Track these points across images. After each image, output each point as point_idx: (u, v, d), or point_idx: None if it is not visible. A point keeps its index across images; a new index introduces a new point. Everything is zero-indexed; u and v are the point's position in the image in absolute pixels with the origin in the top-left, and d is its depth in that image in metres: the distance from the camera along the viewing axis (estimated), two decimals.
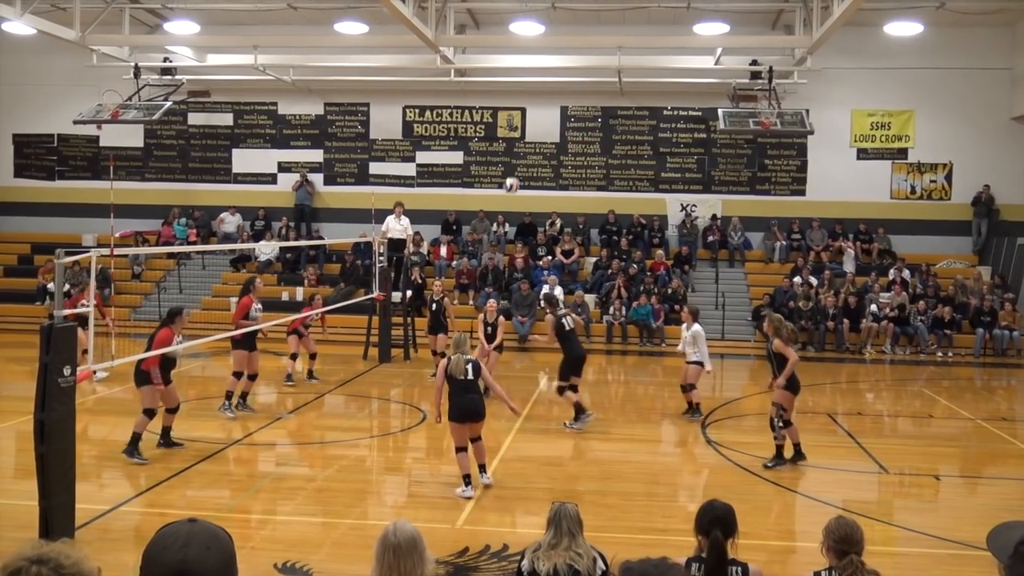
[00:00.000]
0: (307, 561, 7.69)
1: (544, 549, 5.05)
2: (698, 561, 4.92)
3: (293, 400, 15.08)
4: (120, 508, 9.27)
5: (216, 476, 10.68)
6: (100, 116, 21.99)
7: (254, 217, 25.77)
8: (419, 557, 4.35)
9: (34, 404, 7.92)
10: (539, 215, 25.12)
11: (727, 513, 5.01)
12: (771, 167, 25.04)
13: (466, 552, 7.98)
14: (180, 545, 2.04)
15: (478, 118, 25.81)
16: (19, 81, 26.26)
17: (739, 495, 9.73)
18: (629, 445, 12.61)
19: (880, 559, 6.38)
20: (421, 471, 11.37)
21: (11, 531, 8.30)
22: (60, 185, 26.90)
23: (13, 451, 11.39)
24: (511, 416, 13.97)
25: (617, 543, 7.55)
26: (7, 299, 23.69)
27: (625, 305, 22.34)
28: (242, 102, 26.27)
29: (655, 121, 25.34)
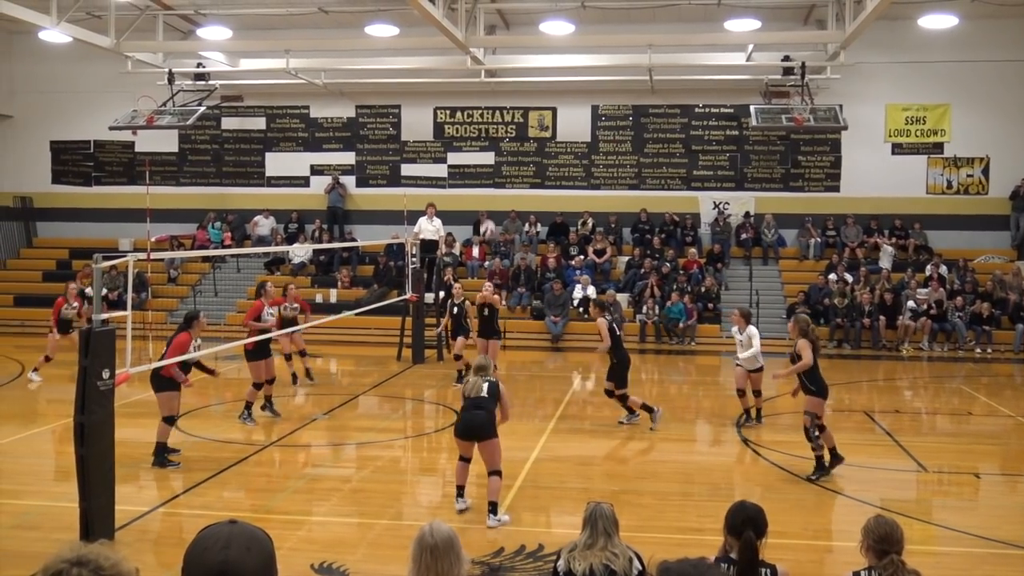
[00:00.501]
0: (343, 561, 7.73)
1: (580, 549, 5.05)
2: (727, 561, 4.90)
3: (328, 402, 15.15)
4: (159, 509, 9.37)
5: (253, 477, 10.77)
6: (135, 122, 22.25)
7: (287, 220, 25.94)
8: (456, 557, 4.36)
9: (74, 407, 8.02)
10: (571, 214, 25.08)
11: (758, 514, 4.99)
12: (804, 163, 24.84)
13: (501, 552, 7.99)
14: (221, 546, 2.06)
15: (509, 118, 25.82)
16: (56, 89, 26.60)
17: (775, 494, 9.68)
18: (664, 444, 12.56)
19: (920, 558, 6.32)
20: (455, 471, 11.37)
21: (53, 532, 8.41)
22: (97, 191, 27.22)
23: (53, 453, 11.55)
24: (545, 416, 14.00)
25: (653, 543, 7.53)
26: (46, 303, 23.92)
27: (658, 304, 22.25)
28: (274, 106, 26.46)
29: (687, 119, 25.22)
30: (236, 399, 15.68)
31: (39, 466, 11.02)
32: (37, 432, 12.67)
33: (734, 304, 22.78)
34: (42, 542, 8.14)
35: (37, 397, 15.27)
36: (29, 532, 8.83)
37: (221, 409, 14.94)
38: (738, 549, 4.84)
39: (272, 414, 13.71)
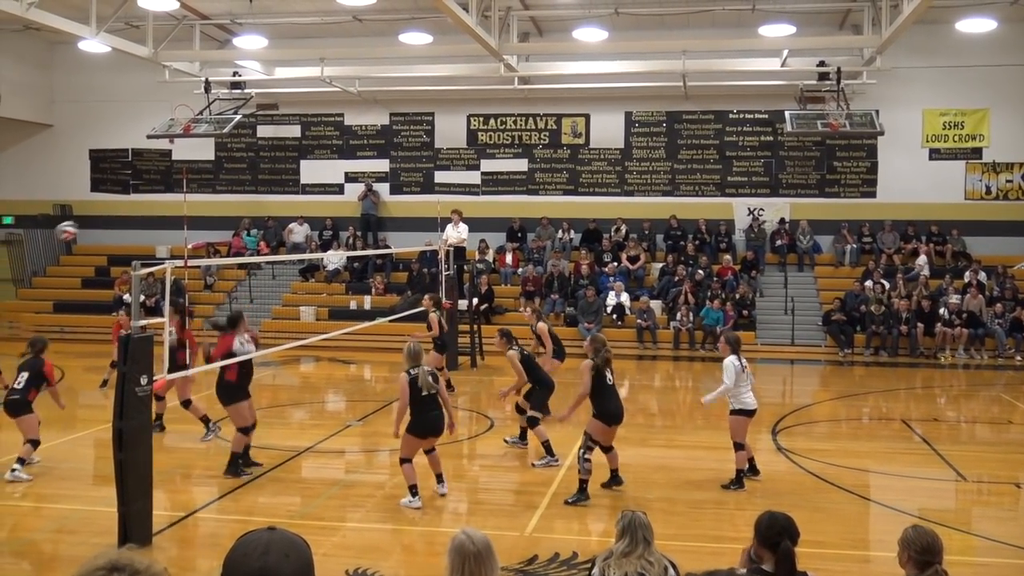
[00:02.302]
0: (378, 567, 7.76)
1: (616, 557, 5.03)
2: (759, 573, 4.84)
3: (362, 408, 15.22)
4: (196, 514, 9.45)
5: (288, 483, 10.83)
6: (172, 130, 22.51)
7: (322, 227, 26.10)
8: (494, 563, 4.38)
9: (112, 412, 8.12)
10: (604, 221, 25.04)
11: (790, 523, 4.94)
12: (840, 169, 24.63)
13: (535, 560, 7.98)
14: (260, 552, 2.08)
15: (542, 125, 25.83)
16: (95, 98, 26.96)
17: (811, 503, 9.60)
18: (697, 452, 12.49)
19: (960, 569, 6.25)
20: (489, 479, 11.40)
21: (91, 537, 8.51)
22: (135, 198, 27.55)
23: (92, 458, 11.68)
24: (578, 423, 13.96)
25: (687, 551, 7.50)
26: (85, 310, 24.33)
27: (692, 311, 22.14)
28: (309, 114, 26.65)
29: (721, 125, 25.10)
30: (270, 405, 15.81)
31: (78, 471, 11.15)
32: (77, 437, 12.83)
33: (769, 311, 22.72)
34: (81, 546, 8.24)
35: (76, 403, 15.46)
36: (69, 536, 8.95)
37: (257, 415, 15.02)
38: (775, 560, 4.79)
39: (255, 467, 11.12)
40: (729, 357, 10.51)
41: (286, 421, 14.74)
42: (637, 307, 22.15)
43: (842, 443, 13.16)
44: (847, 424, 15.03)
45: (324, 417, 15.26)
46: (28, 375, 10.72)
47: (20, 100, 26.23)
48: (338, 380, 19.22)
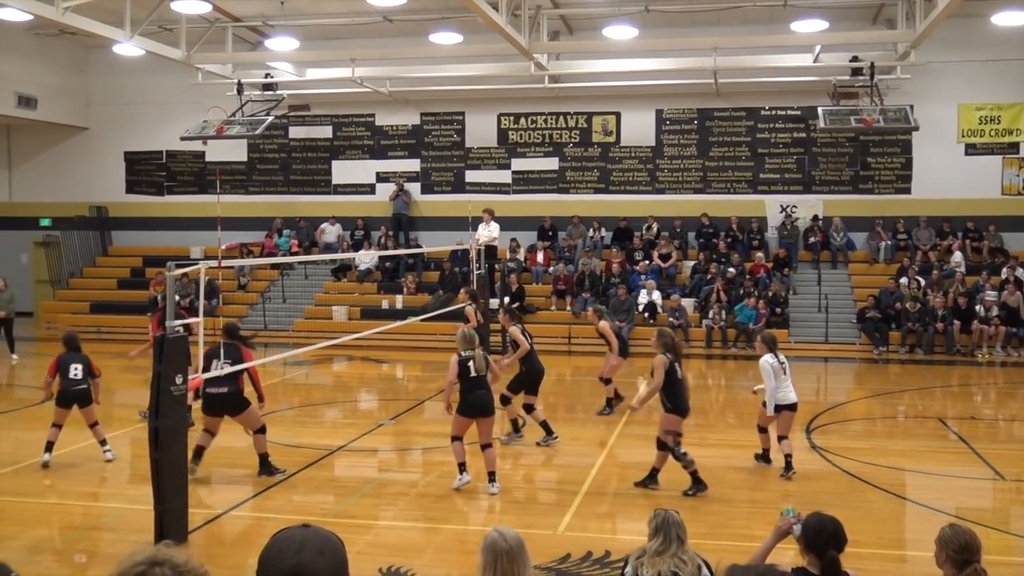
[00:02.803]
0: (411, 566, 7.79)
1: (650, 556, 5.02)
2: (803, 574, 4.81)
3: (394, 407, 15.28)
4: (230, 512, 9.53)
5: (321, 482, 10.90)
6: (206, 132, 22.73)
7: (353, 227, 26.22)
8: (526, 561, 4.39)
9: (148, 411, 8.20)
10: (635, 219, 24.96)
11: (839, 529, 4.89)
12: (874, 165, 24.39)
13: (568, 558, 7.97)
14: (295, 550, 2.09)
15: (573, 124, 25.79)
16: (129, 101, 27.25)
17: (847, 502, 9.51)
18: (731, 451, 12.42)
19: (998, 569, 6.17)
20: (521, 477, 11.40)
21: (129, 534, 8.60)
22: (169, 200, 27.81)
23: (129, 457, 11.81)
24: (610, 422, 13.95)
25: (720, 550, 7.45)
26: (121, 310, 24.59)
27: (724, 309, 22.02)
28: (341, 114, 26.78)
29: (753, 122, 24.95)
30: (303, 404, 15.92)
31: (115, 469, 11.28)
32: (113, 436, 12.95)
33: (802, 309, 22.55)
34: (119, 544, 8.33)
35: (112, 402, 15.63)
36: (107, 534, 9.05)
37: (291, 414, 15.15)
38: (821, 568, 4.76)
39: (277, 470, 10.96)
40: (765, 356, 10.75)
41: (319, 420, 14.83)
42: (669, 305, 22.07)
43: (878, 441, 13.04)
44: (882, 422, 14.90)
45: (357, 416, 15.34)
46: (82, 367, 11.17)
47: (56, 104, 26.59)
48: (370, 379, 19.31)
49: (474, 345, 10.23)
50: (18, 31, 23.80)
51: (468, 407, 10.05)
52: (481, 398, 10.08)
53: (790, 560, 5.18)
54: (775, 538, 5.21)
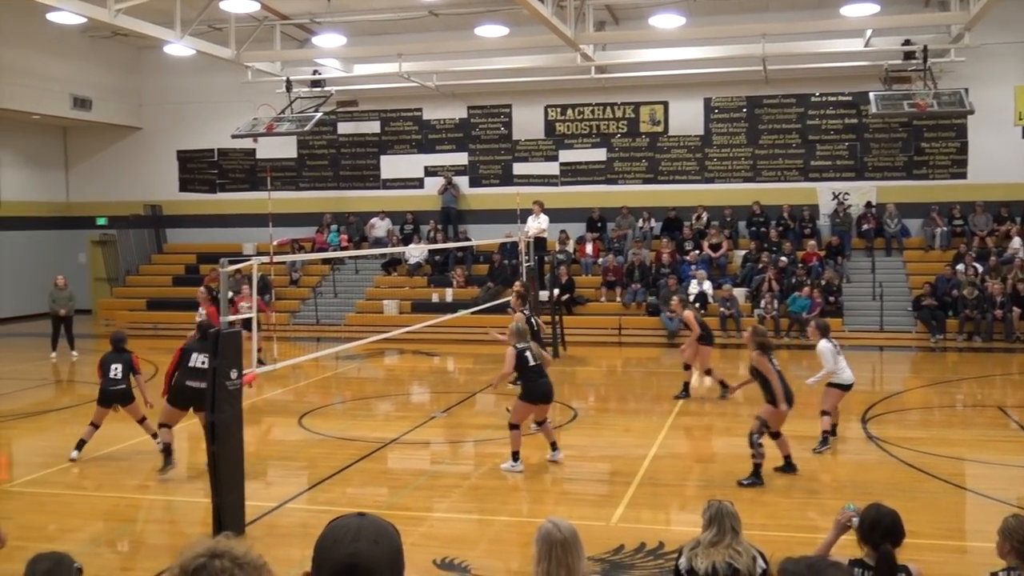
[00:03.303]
0: (465, 557, 7.82)
1: (704, 547, 4.99)
2: (862, 566, 4.77)
3: (445, 400, 15.35)
4: (286, 505, 9.64)
5: (375, 474, 10.99)
6: (256, 130, 22.97)
7: (403, 221, 26.36)
8: (581, 551, 4.39)
9: (204, 406, 8.32)
10: (685, 209, 24.78)
11: (896, 522, 4.84)
12: (928, 150, 23.95)
13: (621, 549, 7.96)
14: (350, 539, 2.10)
15: (620, 114, 25.66)
16: (181, 100, 27.64)
17: (905, 492, 9.38)
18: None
19: None
20: (573, 468, 11.38)
21: (187, 527, 8.75)
22: (221, 197, 28.17)
23: (186, 451, 12.00)
24: (663, 412, 13.89)
25: (776, 541, 7.40)
26: (176, 307, 24.93)
27: (776, 298, 21.79)
28: (388, 109, 26.90)
29: (803, 108, 24.62)
30: (356, 397, 16.06)
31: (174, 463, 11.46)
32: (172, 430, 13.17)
33: (856, 297, 22.24)
34: (178, 536, 8.48)
35: None
36: (166, 526, 9.22)
37: (343, 408, 15.30)
38: (876, 561, 4.72)
39: None
40: (821, 342, 11.25)
41: (372, 413, 14.95)
42: (720, 295, 21.88)
43: (935, 431, 12.84)
44: (940, 411, 14.66)
45: (409, 409, 15.44)
46: (122, 366, 11.30)
47: (110, 105, 27.06)
48: (422, 372, 19.41)
49: (526, 337, 10.60)
50: (72, 34, 24.24)
51: (533, 394, 10.47)
52: (544, 386, 10.52)
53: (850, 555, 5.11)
54: (836, 532, 5.16)
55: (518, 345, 10.51)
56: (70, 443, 11.44)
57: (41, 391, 16.79)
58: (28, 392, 16.53)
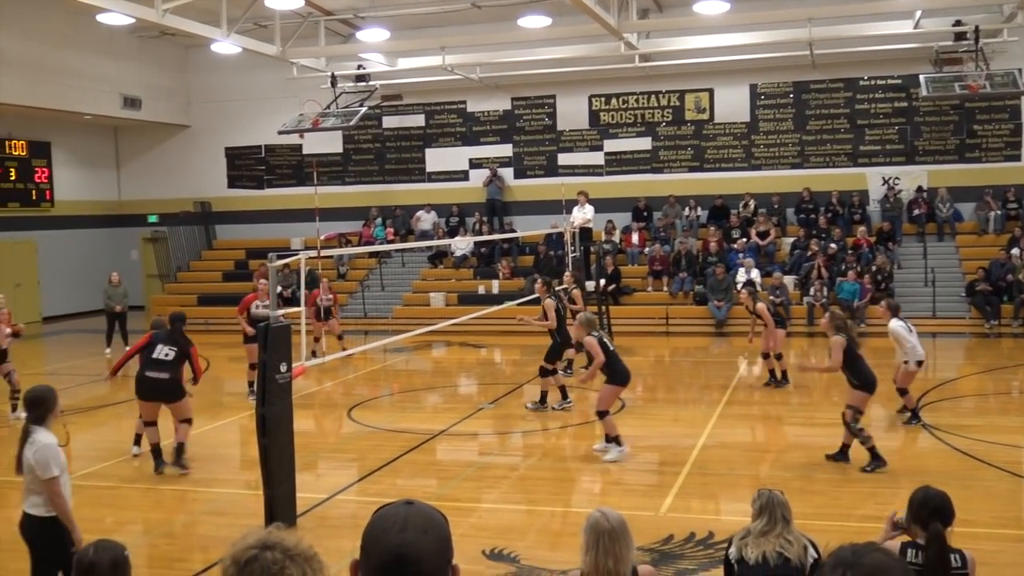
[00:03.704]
0: (514, 548, 7.84)
1: (754, 536, 4.96)
2: (914, 547, 4.73)
3: (493, 391, 15.38)
4: (337, 497, 9.74)
5: (423, 465, 11.06)
6: (302, 125, 23.15)
7: (448, 214, 26.43)
8: (629, 541, 4.39)
9: (255, 399, 8.43)
10: (731, 197, 24.56)
11: (945, 502, 4.82)
12: (981, 133, 23.49)
13: (671, 539, 7.93)
14: (399, 528, 2.10)
15: (665, 102, 25.49)
16: (228, 98, 27.96)
17: (960, 480, 9.23)
18: (836, 429, 12.14)
19: None
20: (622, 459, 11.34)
21: (240, 519, 8.86)
22: (269, 193, 28.46)
23: (238, 444, 12.17)
24: (711, 401, 13.81)
25: (827, 531, 7.32)
26: (226, 302, 25.21)
27: (826, 286, 21.52)
28: (432, 102, 26.97)
29: (851, 93, 24.26)
30: (404, 390, 16.16)
31: (227, 456, 11.63)
32: (224, 424, 13.37)
33: (908, 284, 21.90)
34: (230, 528, 8.59)
35: (221, 391, 16.12)
36: (219, 518, 9.35)
37: (392, 400, 15.40)
38: (927, 540, 4.67)
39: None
40: (892, 321, 11.56)
41: (420, 405, 15.03)
42: (770, 283, 21.63)
43: (991, 418, 12.62)
44: (996, 399, 14.41)
45: (457, 400, 15.49)
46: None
47: (160, 103, 27.45)
48: (469, 364, 19.48)
49: (596, 326, 10.89)
50: (121, 35, 24.61)
51: (620, 377, 10.75)
52: (626, 368, 10.88)
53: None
54: (887, 529, 5.09)
55: (593, 334, 10.69)
56: (125, 437, 11.63)
57: (96, 386, 17.08)
58: (84, 388, 16.85)
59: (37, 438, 5.90)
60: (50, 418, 6.05)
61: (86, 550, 4.21)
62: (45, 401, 6.05)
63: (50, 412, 6.06)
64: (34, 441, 5.88)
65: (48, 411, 6.04)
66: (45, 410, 6.03)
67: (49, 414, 6.04)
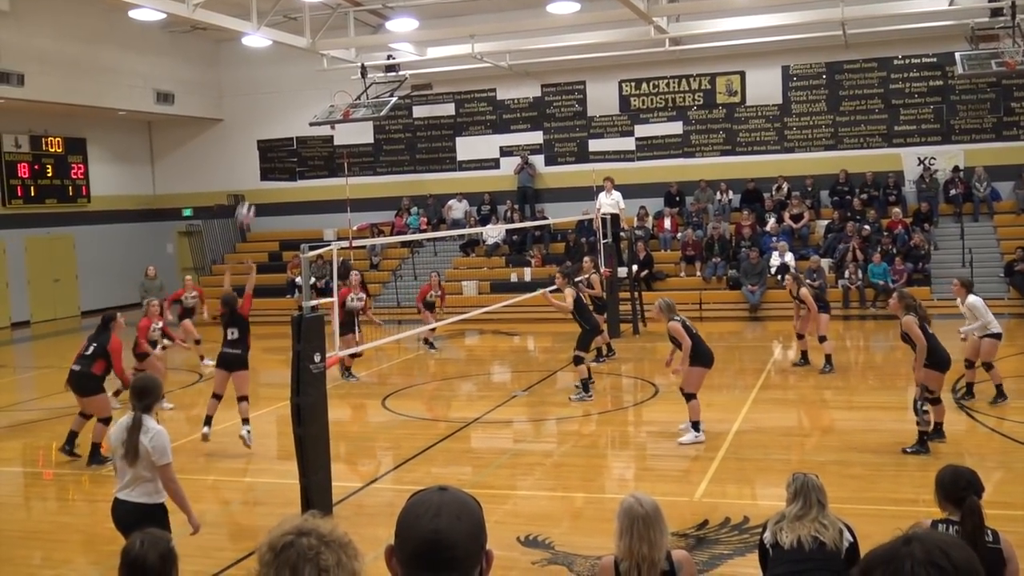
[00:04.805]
0: (548, 534, 7.87)
1: (789, 520, 4.94)
2: (947, 523, 4.71)
3: (526, 379, 15.40)
4: (372, 485, 9.81)
5: (458, 453, 11.10)
6: (333, 117, 23.22)
7: (480, 202, 26.44)
8: (663, 526, 4.40)
9: (290, 389, 8.50)
10: (764, 180, 24.36)
11: (975, 477, 4.85)
12: (1019, 110, 23.11)
13: (706, 524, 7.92)
14: (432, 514, 2.12)
15: (696, 86, 25.32)
16: (259, 91, 28.12)
17: (996, 463, 9.16)
18: (873, 413, 12.08)
19: None
20: (656, 445, 11.35)
21: (278, 508, 8.95)
22: (301, 185, 28.62)
23: (275, 434, 12.28)
24: (746, 386, 13.74)
25: (865, 515, 7.28)
26: (261, 294, 25.23)
27: (861, 268, 21.32)
28: (462, 91, 26.97)
29: (885, 72, 23.96)
30: (438, 377, 16.21)
31: (263, 446, 11.73)
32: (261, 414, 13.48)
33: (944, 265, 21.63)
34: (268, 516, 8.68)
35: (257, 381, 16.25)
36: (257, 507, 9.46)
37: (426, 388, 15.46)
38: (962, 516, 4.65)
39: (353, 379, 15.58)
40: (970, 297, 11.74)
41: (454, 393, 15.09)
42: (808, 266, 21.42)
43: (1021, 400, 12.46)
44: None
45: (491, 388, 15.54)
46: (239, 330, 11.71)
47: (192, 98, 27.67)
48: (502, 352, 19.52)
49: (675, 310, 10.91)
50: (153, 30, 24.81)
51: (707, 358, 10.80)
52: (710, 350, 10.93)
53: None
54: None
55: (676, 318, 10.76)
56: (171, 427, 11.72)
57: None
58: None
59: (150, 426, 6.13)
60: (156, 407, 6.42)
61: (132, 543, 4.18)
62: (153, 391, 6.39)
63: (156, 401, 6.44)
64: (148, 428, 6.11)
65: (155, 400, 6.40)
66: (153, 399, 6.35)
67: (155, 403, 6.39)
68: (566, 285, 13.84)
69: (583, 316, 13.76)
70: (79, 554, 8.38)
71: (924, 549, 1.76)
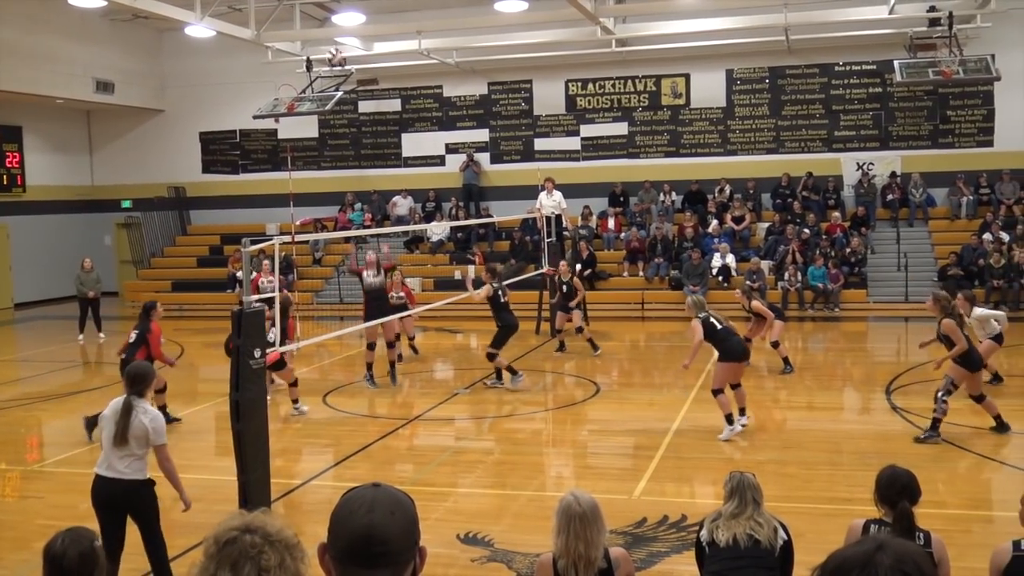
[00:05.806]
0: (488, 532, 7.87)
1: (725, 519, 5.01)
2: (879, 524, 4.81)
3: (468, 376, 15.40)
4: (311, 482, 9.74)
5: (399, 451, 11.07)
6: (277, 110, 22.98)
7: (425, 199, 26.36)
8: (601, 524, 4.42)
9: (229, 385, 8.39)
10: (707, 182, 24.63)
11: (912, 481, 4.94)
12: (954, 118, 23.66)
13: (644, 522, 7.99)
14: (366, 510, 2.12)
15: (641, 87, 25.50)
16: (202, 82, 27.72)
17: (930, 463, 9.34)
18: (809, 413, 12.28)
19: None
20: (596, 443, 11.42)
21: (215, 504, 8.82)
22: (244, 178, 28.27)
23: (213, 430, 12.12)
24: (686, 386, 13.88)
25: (799, 513, 7.40)
26: (200, 288, 25.15)
27: (800, 270, 21.66)
28: (409, 87, 26.86)
29: (826, 78, 24.37)
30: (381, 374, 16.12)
31: (201, 442, 11.59)
32: (198, 410, 13.32)
33: (881, 268, 22.05)
34: (205, 513, 8.54)
35: (196, 377, 16.04)
36: (194, 504, 9.31)
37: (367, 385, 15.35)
38: (893, 518, 4.75)
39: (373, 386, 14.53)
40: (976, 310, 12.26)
41: (396, 390, 15.02)
42: (747, 268, 21.72)
43: (963, 401, 12.71)
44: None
45: (432, 386, 15.50)
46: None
47: (133, 88, 27.18)
48: (445, 349, 19.47)
49: (705, 307, 11.04)
50: (93, 18, 24.34)
51: (733, 353, 10.79)
52: (739, 344, 11.02)
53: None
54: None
55: (700, 315, 10.81)
56: None
57: (70, 372, 16.99)
58: (57, 374, 16.74)
59: (147, 408, 6.60)
60: (148, 392, 6.82)
61: (55, 540, 4.07)
62: (146, 377, 6.76)
63: (149, 387, 6.82)
64: (147, 411, 6.55)
65: (147, 386, 6.77)
66: (145, 385, 6.71)
67: (148, 388, 6.79)
68: (490, 280, 13.99)
69: (499, 315, 14.08)
70: (10, 552, 8.20)
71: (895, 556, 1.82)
